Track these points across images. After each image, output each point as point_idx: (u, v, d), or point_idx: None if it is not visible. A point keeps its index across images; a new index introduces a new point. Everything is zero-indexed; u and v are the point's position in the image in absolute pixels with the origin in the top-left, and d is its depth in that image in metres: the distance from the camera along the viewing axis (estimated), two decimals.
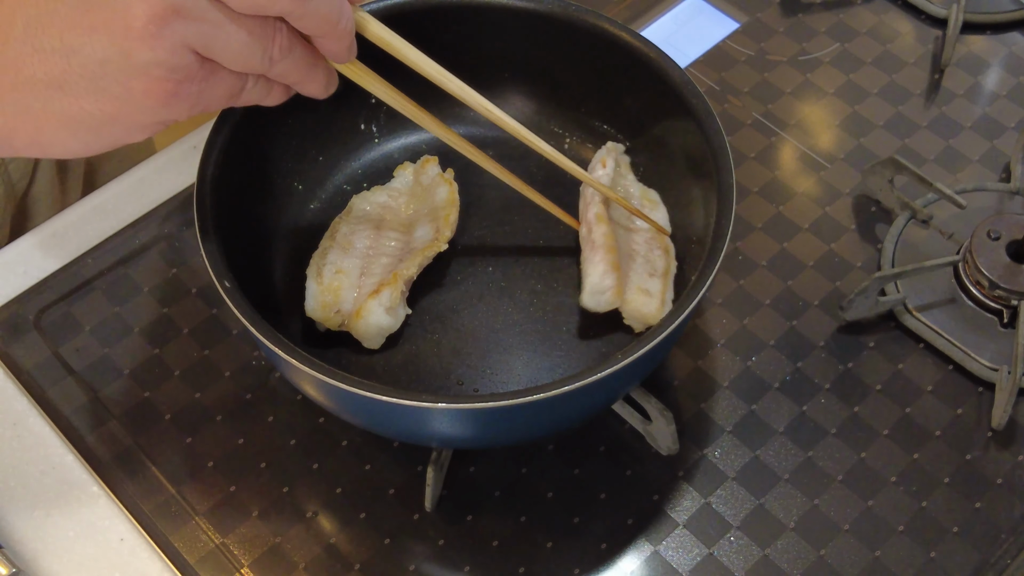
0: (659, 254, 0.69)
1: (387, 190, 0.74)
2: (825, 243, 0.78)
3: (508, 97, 0.78)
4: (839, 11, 0.91)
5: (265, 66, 0.50)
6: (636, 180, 0.74)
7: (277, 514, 0.66)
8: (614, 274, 0.65)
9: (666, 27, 0.90)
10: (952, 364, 0.72)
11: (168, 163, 0.81)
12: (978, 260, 0.73)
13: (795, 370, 0.72)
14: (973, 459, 0.68)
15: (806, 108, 0.85)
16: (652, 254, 0.69)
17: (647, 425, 0.67)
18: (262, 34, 0.49)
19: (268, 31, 0.49)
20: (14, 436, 0.69)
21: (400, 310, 0.68)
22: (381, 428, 0.64)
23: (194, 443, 0.69)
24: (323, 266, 0.69)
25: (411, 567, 0.65)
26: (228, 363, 0.72)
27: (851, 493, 0.67)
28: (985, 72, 0.87)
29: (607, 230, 0.66)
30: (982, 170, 0.82)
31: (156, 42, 0.45)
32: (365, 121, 0.77)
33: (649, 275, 0.68)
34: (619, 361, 0.56)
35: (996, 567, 0.64)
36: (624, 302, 0.66)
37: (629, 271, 0.67)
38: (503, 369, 0.68)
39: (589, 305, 0.66)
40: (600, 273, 0.65)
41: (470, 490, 0.67)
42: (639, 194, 0.72)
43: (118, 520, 0.66)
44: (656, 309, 0.66)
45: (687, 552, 0.65)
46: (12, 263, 0.77)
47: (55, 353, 0.72)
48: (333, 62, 0.55)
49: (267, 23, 0.49)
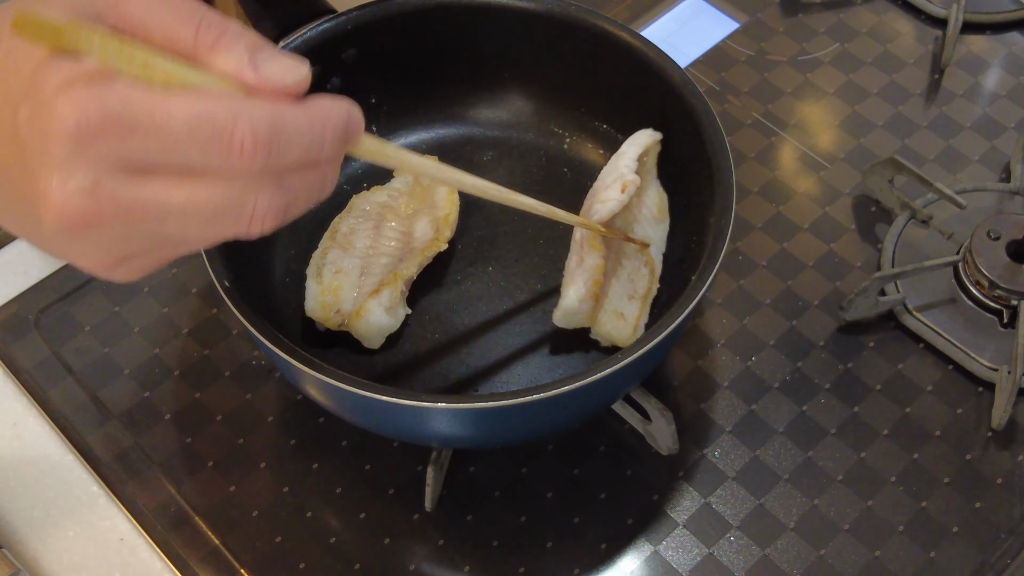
0: (644, 273, 0.68)
1: (387, 190, 0.74)
2: (825, 243, 0.77)
3: (508, 97, 0.78)
4: (839, 11, 0.91)
5: None
6: (657, 179, 0.72)
7: (277, 514, 0.66)
8: (592, 302, 0.65)
9: (666, 27, 0.90)
10: (952, 364, 0.72)
11: None
12: (978, 260, 0.73)
13: (795, 370, 0.72)
14: (973, 459, 0.68)
15: (806, 108, 0.85)
16: (638, 272, 0.68)
17: (647, 425, 0.67)
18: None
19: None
20: (14, 436, 0.69)
21: (400, 310, 0.68)
22: (381, 428, 0.64)
23: (194, 443, 0.69)
24: (323, 266, 0.69)
25: (411, 567, 0.65)
26: (228, 363, 0.72)
27: (851, 493, 0.67)
28: (985, 72, 0.87)
29: (599, 263, 0.65)
30: (982, 170, 0.82)
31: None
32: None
33: (628, 297, 0.67)
34: (619, 361, 0.56)
35: (996, 567, 0.64)
36: (596, 323, 0.66)
37: (609, 288, 0.67)
38: (503, 369, 0.68)
39: (559, 323, 0.66)
40: (579, 298, 0.65)
41: (470, 490, 0.67)
42: (654, 202, 0.71)
43: (118, 520, 0.66)
44: (628, 335, 0.66)
45: (687, 552, 0.65)
46: (12, 263, 0.77)
47: (55, 353, 0.72)
48: None
49: None
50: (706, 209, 0.65)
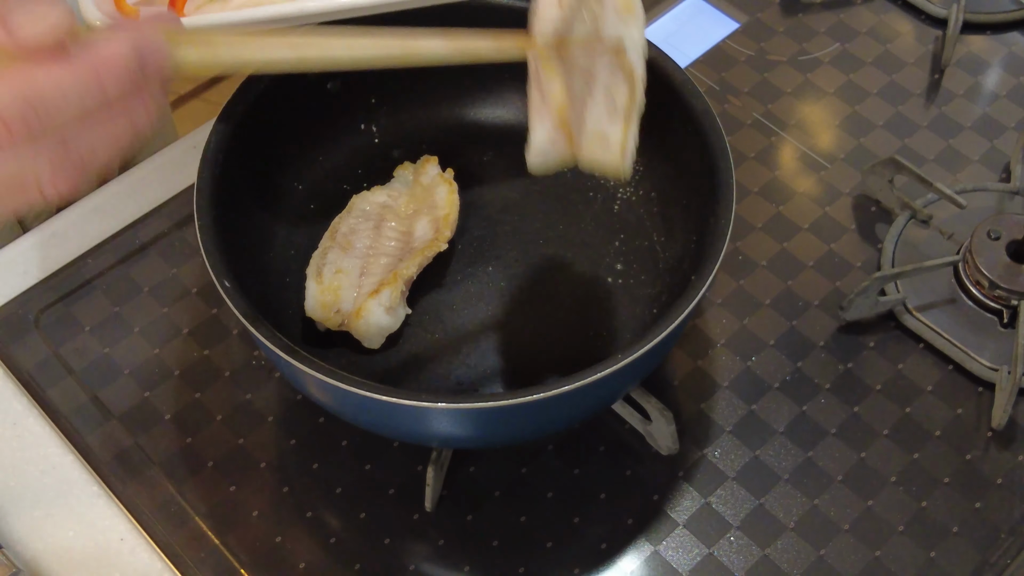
0: (622, 81, 0.57)
1: (387, 190, 0.74)
2: (825, 243, 0.78)
3: (508, 97, 0.78)
4: (839, 11, 0.91)
5: None
6: None
7: (277, 514, 0.66)
8: (564, 134, 0.56)
9: (666, 27, 0.90)
10: (952, 364, 0.72)
11: (168, 163, 0.82)
12: (978, 260, 0.73)
13: (795, 370, 0.72)
14: (973, 459, 0.68)
15: (806, 108, 0.85)
16: (615, 83, 0.57)
17: (647, 425, 0.67)
18: None
19: None
20: (14, 436, 0.69)
21: (400, 310, 0.68)
22: (381, 428, 0.64)
23: (194, 443, 0.69)
24: (323, 266, 0.69)
25: (411, 567, 0.65)
26: (228, 363, 0.72)
27: (851, 493, 0.67)
28: (985, 72, 0.87)
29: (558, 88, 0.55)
30: (982, 170, 0.82)
31: None
32: (365, 121, 0.77)
33: (609, 115, 0.57)
34: (619, 361, 0.56)
35: (996, 567, 0.64)
36: (579, 153, 0.57)
37: (584, 110, 0.57)
38: (503, 369, 0.68)
39: (537, 171, 0.57)
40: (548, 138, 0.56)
41: (470, 490, 0.67)
42: None
43: (118, 520, 0.66)
44: (615, 160, 0.57)
45: (687, 552, 0.65)
46: (12, 263, 0.77)
47: (55, 353, 0.72)
48: None
49: None
50: (706, 209, 0.65)
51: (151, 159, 0.82)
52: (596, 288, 0.71)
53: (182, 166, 0.81)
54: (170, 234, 0.78)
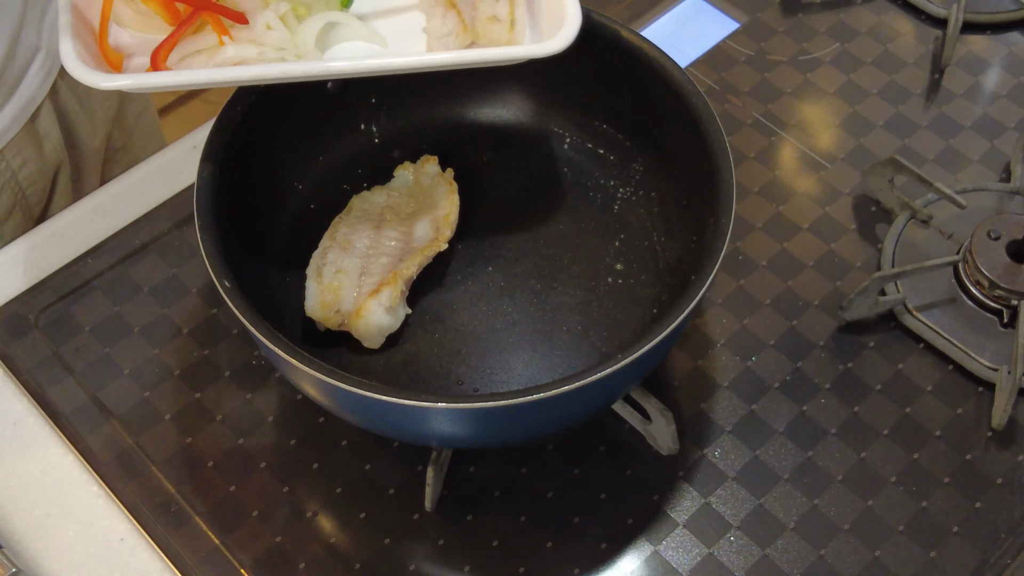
0: None
1: (387, 190, 0.74)
2: (825, 243, 0.78)
3: (508, 97, 0.78)
4: (839, 11, 0.91)
5: None
6: None
7: (277, 514, 0.66)
8: (452, 12, 0.63)
9: (666, 27, 0.90)
10: (952, 364, 0.72)
11: (168, 163, 0.82)
12: (978, 260, 0.73)
13: (795, 370, 0.72)
14: (973, 459, 0.68)
15: (806, 108, 0.85)
16: None
17: (647, 425, 0.67)
18: None
19: None
20: (14, 436, 0.69)
21: (400, 310, 0.68)
22: (381, 428, 0.64)
23: (194, 443, 0.69)
24: (323, 266, 0.69)
25: (411, 567, 0.65)
26: (228, 363, 0.72)
27: (851, 493, 0.67)
28: (985, 72, 0.87)
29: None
30: (982, 170, 0.82)
31: None
32: (365, 121, 0.77)
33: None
34: (619, 361, 0.56)
35: (996, 567, 0.64)
36: (477, 36, 0.65)
37: (477, 1, 0.65)
38: (503, 369, 0.68)
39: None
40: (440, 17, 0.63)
41: (470, 490, 0.67)
42: None
43: (118, 520, 0.66)
44: (505, 33, 0.64)
45: (687, 552, 0.65)
46: (12, 263, 0.77)
47: (55, 353, 0.72)
48: None
49: None
50: (706, 209, 0.65)
51: (151, 159, 0.82)
52: (596, 288, 0.71)
53: (182, 166, 0.81)
54: (170, 234, 0.78)
